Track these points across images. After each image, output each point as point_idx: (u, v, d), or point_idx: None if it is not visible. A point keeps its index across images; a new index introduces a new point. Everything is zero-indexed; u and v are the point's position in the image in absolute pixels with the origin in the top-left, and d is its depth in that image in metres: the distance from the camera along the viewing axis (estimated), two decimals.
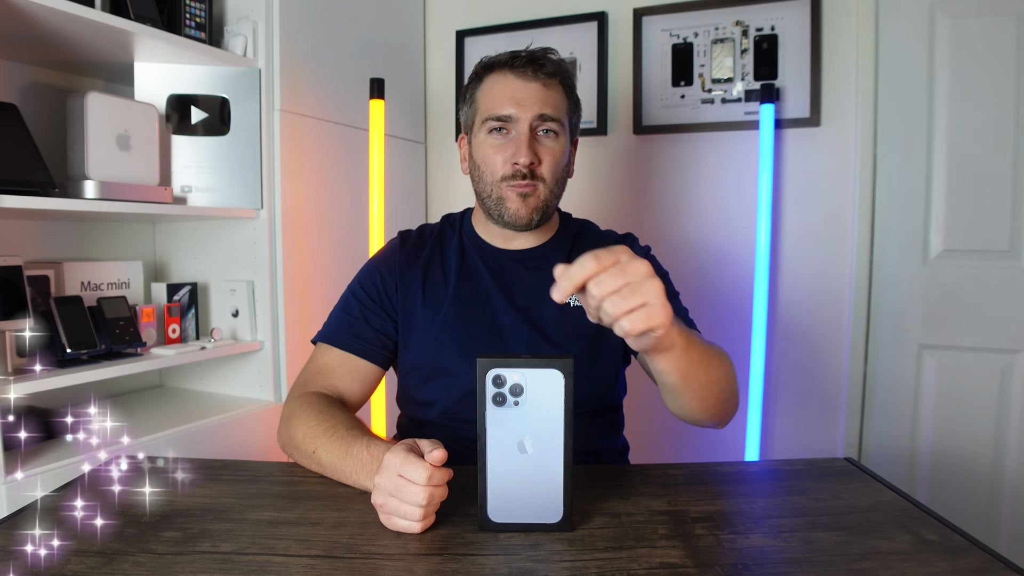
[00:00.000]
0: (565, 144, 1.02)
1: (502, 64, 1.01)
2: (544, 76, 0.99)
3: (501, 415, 0.69)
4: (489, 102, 1.00)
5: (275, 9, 1.61)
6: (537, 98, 0.98)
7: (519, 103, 0.98)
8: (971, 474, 1.73)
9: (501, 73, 1.01)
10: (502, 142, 0.99)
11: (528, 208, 0.99)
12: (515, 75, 0.99)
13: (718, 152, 1.94)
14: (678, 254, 1.97)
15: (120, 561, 0.64)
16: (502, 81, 1.00)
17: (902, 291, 1.80)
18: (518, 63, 0.99)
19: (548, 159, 0.99)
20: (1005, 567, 0.62)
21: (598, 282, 0.62)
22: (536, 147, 0.98)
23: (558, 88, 1.01)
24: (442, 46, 2.25)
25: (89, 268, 1.51)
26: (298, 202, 1.71)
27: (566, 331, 1.01)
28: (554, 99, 1.00)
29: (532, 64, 0.99)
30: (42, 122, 1.45)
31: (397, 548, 0.67)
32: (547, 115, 0.98)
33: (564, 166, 1.03)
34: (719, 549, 0.67)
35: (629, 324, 0.62)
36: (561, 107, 1.01)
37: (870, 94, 1.78)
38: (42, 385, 1.21)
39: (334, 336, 1.04)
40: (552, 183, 1.01)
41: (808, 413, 1.89)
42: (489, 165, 1.00)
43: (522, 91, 0.98)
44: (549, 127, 0.99)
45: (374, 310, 1.04)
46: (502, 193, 1.00)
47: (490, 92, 1.01)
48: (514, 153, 0.98)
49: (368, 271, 1.08)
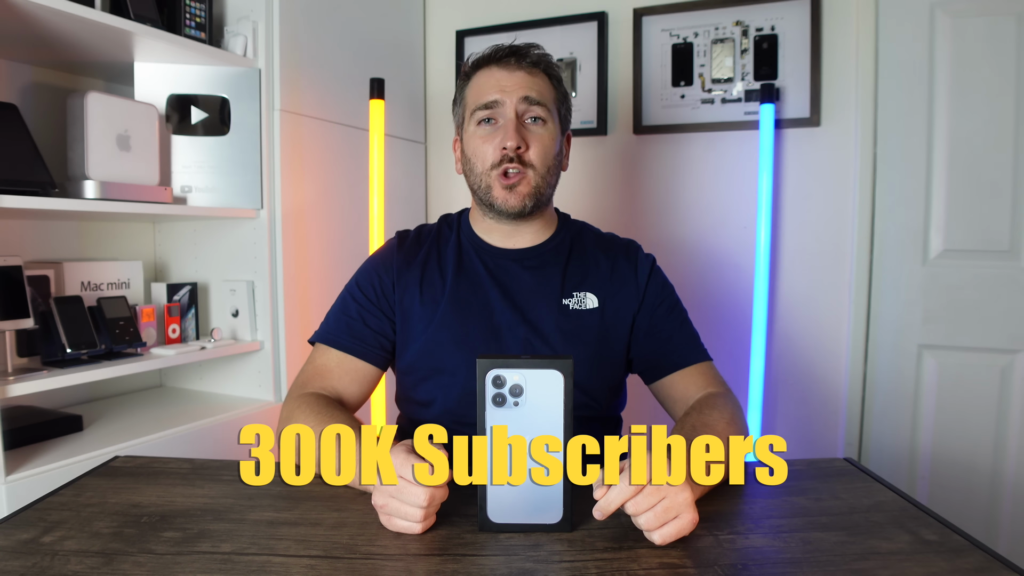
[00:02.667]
0: (554, 132, 1.02)
1: (487, 59, 1.03)
2: (528, 65, 1.01)
3: (501, 416, 0.69)
4: (475, 95, 1.02)
5: (275, 9, 1.61)
6: (521, 83, 1.00)
7: (503, 89, 0.99)
8: (971, 474, 1.73)
9: (486, 68, 1.03)
10: (490, 131, 1.00)
11: (518, 196, 1.00)
12: (499, 67, 1.01)
13: (718, 152, 1.94)
14: (678, 254, 1.97)
15: (120, 561, 0.64)
16: (487, 74, 1.02)
17: (902, 291, 1.80)
18: (501, 54, 1.01)
19: (536, 144, 1.00)
20: (1005, 567, 0.62)
21: (635, 503, 0.67)
22: (524, 132, 0.99)
23: (543, 77, 1.02)
24: (442, 46, 2.26)
25: (89, 268, 1.51)
26: (298, 202, 1.71)
27: (564, 331, 1.01)
28: (539, 85, 1.01)
29: (515, 55, 1.01)
30: (42, 122, 1.45)
31: (397, 548, 0.67)
32: (532, 98, 0.99)
33: (555, 155, 1.03)
34: (719, 549, 0.67)
35: (660, 538, 0.67)
36: (547, 94, 1.02)
37: (870, 94, 1.78)
38: (42, 385, 1.21)
39: (332, 337, 1.03)
40: (543, 170, 1.01)
41: (808, 413, 1.89)
42: (479, 155, 1.01)
43: (506, 79, 1.00)
44: (536, 113, 1.00)
45: (372, 310, 1.04)
46: (491, 181, 1.00)
47: (476, 86, 1.03)
48: (502, 138, 0.98)
49: (366, 271, 1.08)
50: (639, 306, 1.05)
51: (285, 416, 0.94)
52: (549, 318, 1.02)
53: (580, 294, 1.04)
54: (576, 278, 1.05)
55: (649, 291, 1.07)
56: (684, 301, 1.11)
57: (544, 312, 1.02)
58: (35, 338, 1.34)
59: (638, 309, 1.05)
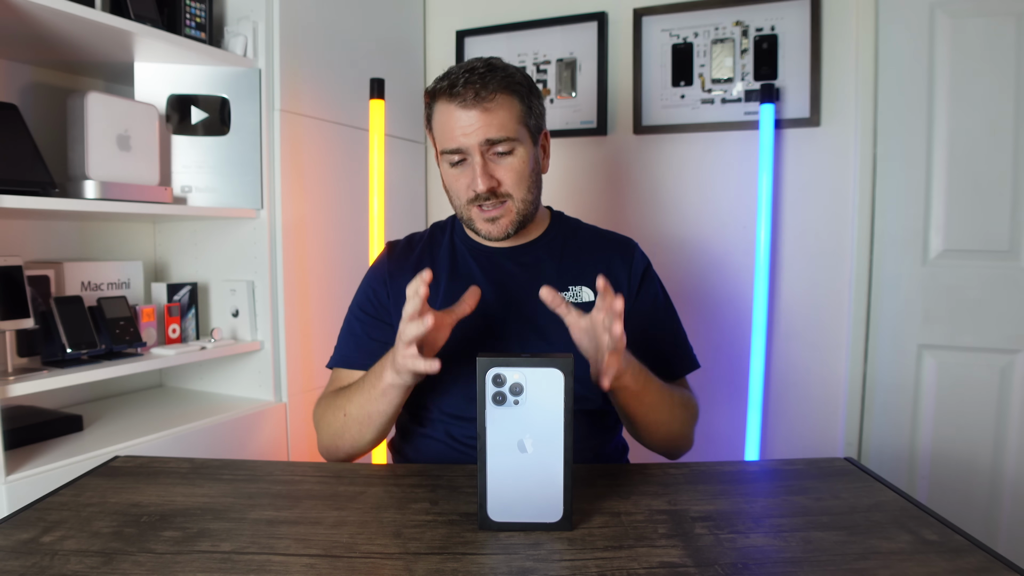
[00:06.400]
0: (526, 153, 1.01)
1: (443, 92, 0.99)
2: (484, 100, 0.96)
3: (501, 414, 0.69)
4: (440, 135, 1.01)
5: (275, 9, 1.61)
6: (480, 124, 0.96)
7: (464, 133, 0.97)
8: (971, 474, 1.73)
9: (445, 103, 0.99)
10: (461, 171, 1.01)
11: (499, 228, 1.01)
12: (456, 104, 0.97)
13: (718, 152, 1.94)
14: (678, 254, 1.98)
15: (120, 561, 0.64)
16: (447, 112, 0.99)
17: (902, 291, 1.80)
18: (456, 91, 0.97)
19: (509, 176, 0.99)
20: (1005, 567, 0.62)
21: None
22: (492, 169, 0.99)
23: (503, 101, 0.97)
24: (442, 46, 2.26)
25: (89, 268, 1.51)
26: (298, 202, 1.71)
27: (560, 326, 1.01)
28: (499, 118, 0.97)
29: (471, 88, 0.96)
30: (42, 122, 1.45)
31: (397, 547, 0.67)
32: (493, 138, 0.97)
33: (531, 172, 1.02)
34: (719, 549, 0.67)
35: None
36: (509, 121, 0.98)
37: (870, 94, 1.78)
38: (42, 385, 1.21)
39: (344, 359, 1.09)
40: (521, 194, 1.01)
41: (808, 413, 1.89)
42: (454, 191, 1.03)
43: (465, 120, 0.97)
44: (501, 148, 0.98)
45: (374, 324, 1.07)
46: (471, 215, 1.02)
47: (440, 124, 1.01)
48: (472, 181, 0.98)
49: (361, 289, 1.12)
50: (632, 306, 1.06)
51: (316, 422, 1.06)
52: (545, 312, 1.02)
53: (576, 288, 1.04)
54: (572, 272, 1.05)
55: (641, 295, 1.07)
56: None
57: (540, 306, 1.02)
58: (35, 338, 1.34)
59: (630, 309, 1.06)
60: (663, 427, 0.99)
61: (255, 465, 0.92)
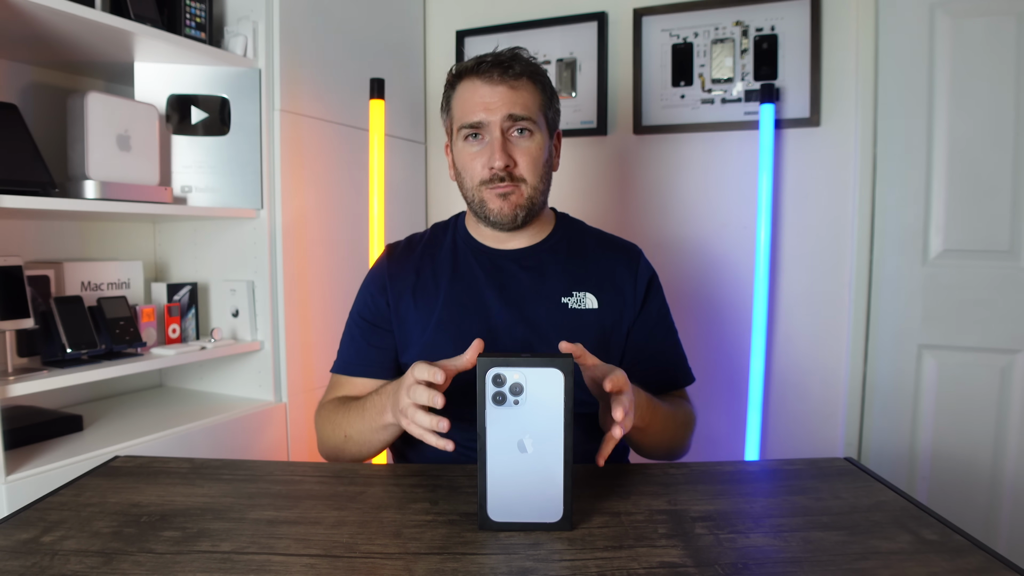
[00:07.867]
0: (542, 140, 1.02)
1: (470, 71, 1.02)
2: (511, 78, 0.99)
3: (501, 414, 0.69)
4: (461, 110, 1.02)
5: (275, 9, 1.61)
6: (505, 100, 0.99)
7: (487, 108, 0.99)
8: (971, 474, 1.73)
9: (470, 80, 1.01)
10: (478, 148, 1.01)
11: (511, 206, 1.01)
12: (482, 81, 1.00)
13: (718, 152, 1.94)
14: (678, 254, 1.97)
15: (120, 561, 0.64)
16: (471, 88, 1.01)
17: (902, 291, 1.80)
18: (484, 68, 1.00)
19: (525, 159, 1.00)
20: (1005, 567, 0.62)
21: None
22: (511, 148, 0.99)
23: (527, 86, 1.01)
24: (442, 46, 2.26)
25: (89, 268, 1.51)
26: (298, 202, 1.71)
27: (563, 330, 1.01)
28: (523, 98, 1.00)
29: (498, 67, 0.99)
30: (42, 122, 1.45)
31: (397, 547, 0.67)
32: (516, 115, 0.99)
33: (544, 162, 1.03)
34: (719, 548, 0.67)
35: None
36: (532, 104, 1.01)
37: (870, 94, 1.78)
38: (42, 385, 1.21)
39: (345, 365, 1.09)
40: (535, 181, 1.01)
41: (808, 413, 1.88)
42: (469, 171, 1.02)
43: (490, 96, 0.99)
44: (522, 126, 1.00)
45: (374, 330, 1.08)
46: (483, 195, 1.02)
47: (461, 100, 1.02)
48: (489, 158, 0.99)
49: (361, 294, 1.12)
50: (635, 318, 1.06)
51: (317, 429, 1.06)
52: (548, 316, 1.02)
53: (580, 293, 1.04)
54: (576, 277, 1.05)
55: (647, 306, 1.07)
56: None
57: (543, 311, 1.02)
58: (35, 338, 1.34)
59: (634, 321, 1.06)
60: (664, 446, 1.03)
61: (255, 465, 0.92)
